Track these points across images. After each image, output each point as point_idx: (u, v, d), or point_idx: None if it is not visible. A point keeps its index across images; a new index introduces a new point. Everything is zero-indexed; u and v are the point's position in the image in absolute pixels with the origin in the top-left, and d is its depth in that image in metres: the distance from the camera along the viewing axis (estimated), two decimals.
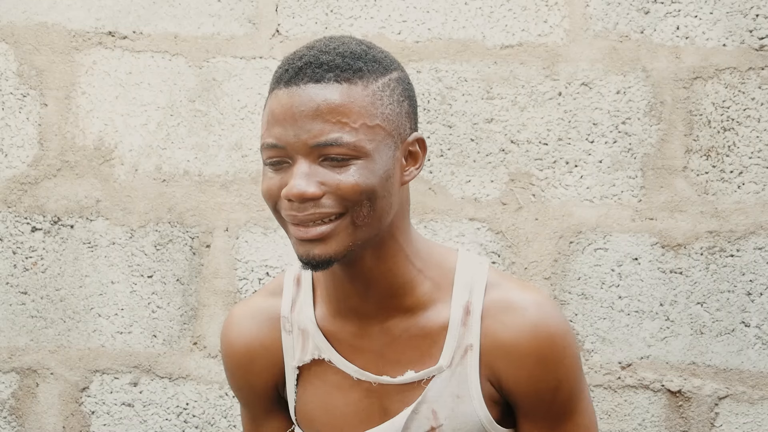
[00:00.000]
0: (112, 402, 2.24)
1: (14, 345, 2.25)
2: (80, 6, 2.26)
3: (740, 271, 2.18)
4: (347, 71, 1.29)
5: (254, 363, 1.46)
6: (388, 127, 1.31)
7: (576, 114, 2.20)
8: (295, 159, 1.27)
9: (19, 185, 2.26)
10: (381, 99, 1.30)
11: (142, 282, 2.24)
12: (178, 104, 2.25)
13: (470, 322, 1.37)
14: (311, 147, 1.26)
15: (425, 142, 1.37)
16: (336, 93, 1.27)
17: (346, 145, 1.26)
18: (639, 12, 2.20)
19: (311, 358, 1.42)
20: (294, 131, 1.27)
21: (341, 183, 1.26)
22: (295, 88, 1.28)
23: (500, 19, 2.22)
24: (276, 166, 1.29)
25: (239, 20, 2.25)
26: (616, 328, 2.19)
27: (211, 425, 2.23)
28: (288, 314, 1.44)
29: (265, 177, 1.31)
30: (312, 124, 1.26)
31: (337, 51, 1.30)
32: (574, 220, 2.20)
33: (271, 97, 1.31)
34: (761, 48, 2.19)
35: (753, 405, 2.17)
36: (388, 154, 1.31)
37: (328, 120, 1.26)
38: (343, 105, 1.27)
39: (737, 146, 2.18)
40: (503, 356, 1.36)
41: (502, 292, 1.39)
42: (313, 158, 1.27)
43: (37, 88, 2.26)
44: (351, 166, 1.27)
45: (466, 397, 1.37)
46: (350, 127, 1.27)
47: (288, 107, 1.27)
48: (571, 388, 1.39)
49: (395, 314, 1.38)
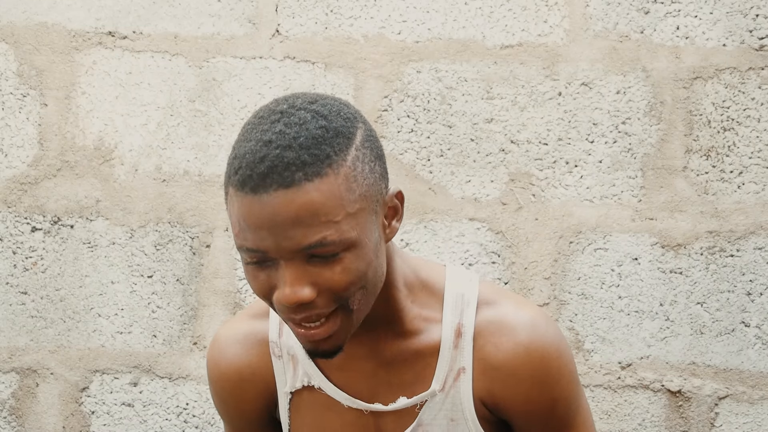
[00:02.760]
0: (112, 402, 2.24)
1: (14, 345, 2.25)
2: (80, 6, 2.26)
3: (740, 271, 2.17)
4: (316, 164, 1.15)
5: (245, 388, 1.42)
6: (368, 203, 1.21)
7: (576, 114, 2.20)
8: (278, 262, 1.18)
9: (19, 185, 2.26)
10: (355, 178, 1.19)
11: (142, 282, 2.24)
12: (178, 104, 2.25)
13: (462, 344, 1.34)
14: (295, 251, 1.16)
15: (402, 192, 1.29)
16: (310, 194, 1.15)
17: (332, 243, 1.16)
18: (639, 12, 2.20)
19: (302, 385, 1.39)
20: (273, 239, 1.16)
21: (333, 282, 1.19)
22: (265, 196, 1.15)
23: (500, 19, 2.22)
24: (260, 265, 1.20)
25: (239, 20, 2.25)
26: (616, 328, 2.19)
27: (211, 425, 2.23)
28: (276, 339, 1.40)
29: (249, 274, 1.21)
30: (293, 231, 1.15)
31: (299, 142, 1.16)
32: (574, 220, 2.20)
33: (236, 200, 1.17)
34: (761, 48, 2.19)
35: (753, 405, 2.17)
36: (373, 229, 1.22)
37: (309, 224, 1.15)
38: (320, 204, 1.15)
39: (737, 146, 2.18)
40: (497, 378, 1.33)
41: (494, 310, 1.35)
42: (300, 259, 1.17)
43: (37, 88, 2.26)
44: (341, 260, 1.18)
45: (460, 420, 1.35)
46: (333, 222, 1.16)
47: (261, 217, 1.16)
48: (567, 405, 1.37)
49: (385, 339, 1.35)
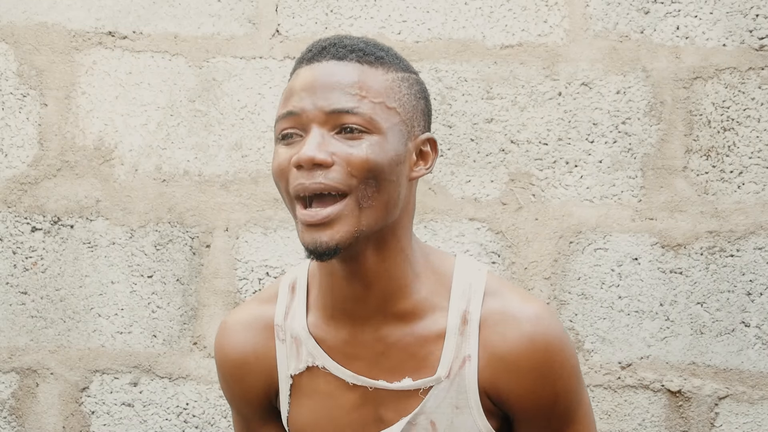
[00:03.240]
0: (112, 402, 2.24)
1: (14, 345, 2.25)
2: (80, 6, 2.26)
3: (740, 271, 2.18)
4: (369, 56, 1.31)
5: (249, 373, 1.43)
6: (403, 115, 1.31)
7: (576, 114, 2.20)
8: (309, 129, 1.27)
9: (19, 185, 2.26)
10: (399, 88, 1.32)
11: (142, 282, 2.24)
12: (178, 104, 2.25)
13: (468, 331, 1.34)
14: (327, 113, 1.26)
15: (437, 143, 1.37)
16: (357, 71, 1.29)
17: (362, 115, 1.27)
18: (639, 12, 2.20)
19: (305, 366, 1.39)
20: (312, 100, 1.27)
21: (352, 156, 1.25)
22: (316, 65, 1.30)
23: (500, 19, 2.22)
24: (288, 140, 1.29)
25: (239, 20, 2.25)
26: (616, 328, 2.19)
27: (211, 425, 2.23)
28: (281, 322, 1.41)
29: (276, 155, 1.30)
30: (331, 94, 1.27)
31: (361, 39, 1.34)
32: (574, 220, 2.20)
33: (291, 78, 1.32)
34: (761, 48, 2.19)
35: (753, 405, 2.17)
36: (401, 141, 1.31)
37: (347, 92, 1.27)
38: (363, 81, 1.28)
39: (737, 146, 2.18)
40: (502, 369, 1.34)
41: (500, 301, 1.36)
42: (329, 128, 1.27)
43: (37, 88, 2.26)
44: (363, 140, 1.26)
45: (465, 408, 1.35)
46: (369, 101, 1.28)
47: (308, 80, 1.29)
48: (569, 400, 1.37)
49: (390, 321, 1.35)
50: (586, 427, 1.40)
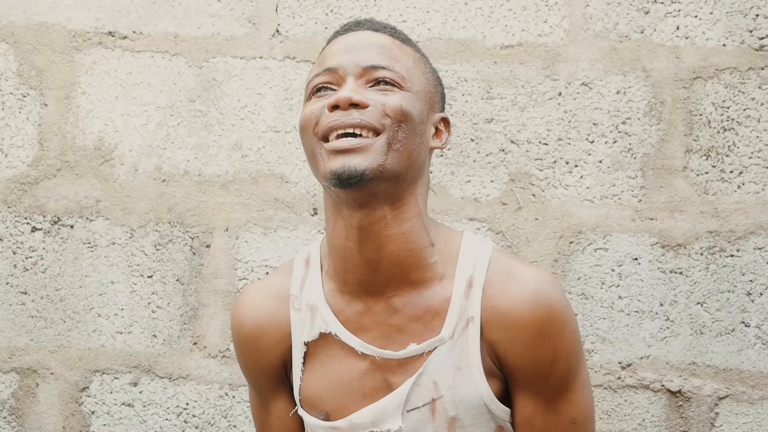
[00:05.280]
0: (112, 402, 2.24)
1: (14, 345, 2.25)
2: (80, 6, 2.26)
3: (740, 271, 2.18)
4: (400, 34, 1.44)
5: (262, 339, 1.48)
6: (427, 88, 1.42)
7: (576, 114, 2.20)
8: (345, 80, 1.35)
9: (19, 185, 2.26)
10: (424, 66, 1.44)
11: (142, 282, 2.24)
12: (178, 104, 2.25)
13: (472, 294, 1.39)
14: (364, 68, 1.36)
15: (450, 123, 1.47)
16: (390, 41, 1.40)
17: (396, 72, 1.36)
18: (639, 12, 2.20)
19: (318, 332, 1.43)
20: (350, 56, 1.36)
21: (387, 102, 1.34)
22: (352, 33, 1.41)
23: (500, 19, 2.22)
24: (320, 94, 1.36)
25: (239, 20, 2.25)
26: (616, 328, 2.19)
27: (211, 425, 2.23)
28: (297, 293, 1.46)
29: (307, 106, 1.37)
30: (369, 52, 1.37)
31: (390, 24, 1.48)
32: (574, 220, 2.20)
33: (326, 46, 1.42)
34: (761, 48, 2.19)
35: (753, 405, 2.17)
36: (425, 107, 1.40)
37: (381, 53, 1.37)
38: (397, 49, 1.40)
39: (737, 146, 2.18)
40: (503, 326, 1.37)
41: (503, 264, 1.41)
42: (364, 80, 1.35)
43: (37, 88, 2.26)
44: (396, 92, 1.35)
45: (466, 368, 1.38)
46: (401, 64, 1.38)
47: (345, 43, 1.39)
48: (568, 364, 1.39)
49: (401, 289, 1.39)
50: (582, 398, 1.42)
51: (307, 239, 2.21)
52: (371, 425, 1.40)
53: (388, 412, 1.39)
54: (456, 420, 1.39)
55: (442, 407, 1.39)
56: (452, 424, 1.39)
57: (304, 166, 2.22)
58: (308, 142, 1.36)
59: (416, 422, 1.39)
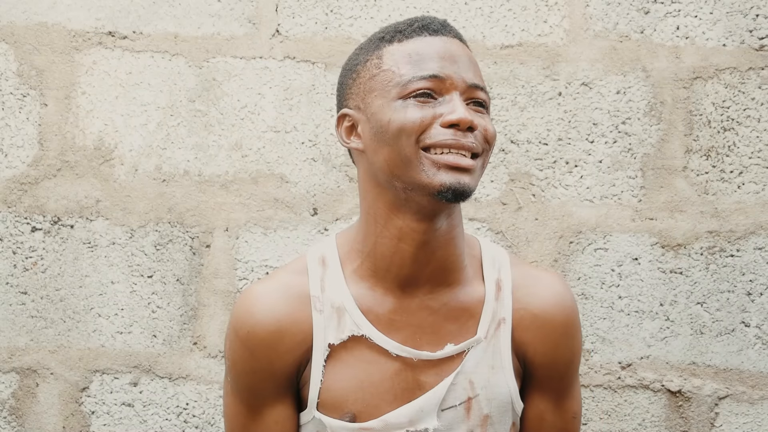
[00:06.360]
0: (112, 402, 2.24)
1: (14, 345, 2.25)
2: (80, 6, 2.26)
3: (740, 271, 2.17)
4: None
5: (283, 341, 1.42)
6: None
7: (576, 114, 2.20)
8: (449, 94, 1.36)
9: (19, 185, 2.26)
10: None
11: (142, 282, 2.24)
12: (178, 104, 2.25)
13: (502, 296, 1.44)
14: (468, 85, 1.37)
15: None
16: (472, 54, 1.42)
17: (487, 94, 1.40)
18: (639, 12, 2.20)
19: (348, 335, 1.42)
20: (456, 69, 1.36)
21: (487, 127, 1.38)
22: (445, 38, 1.40)
23: (500, 19, 2.22)
24: (422, 99, 1.36)
25: (239, 20, 2.25)
26: (616, 328, 2.19)
27: (211, 425, 2.23)
28: (318, 294, 1.43)
29: (407, 110, 1.35)
30: (468, 67, 1.38)
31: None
32: (574, 220, 2.20)
33: (412, 43, 1.38)
34: (761, 48, 2.19)
35: (753, 405, 2.17)
36: None
37: (477, 72, 1.40)
38: (479, 67, 1.42)
39: (737, 146, 2.18)
40: (534, 327, 1.45)
41: (526, 269, 1.49)
42: (465, 97, 1.36)
43: (37, 88, 2.26)
44: (486, 116, 1.39)
45: (499, 368, 1.44)
46: (485, 83, 1.43)
47: (444, 50, 1.38)
48: (578, 362, 1.49)
49: (437, 289, 1.43)
50: (579, 394, 1.53)
51: (307, 239, 2.21)
52: (408, 424, 1.41)
53: (425, 411, 1.41)
54: (488, 418, 1.44)
55: (477, 406, 1.43)
56: (485, 422, 1.43)
57: (304, 166, 2.22)
58: (406, 146, 1.35)
59: (451, 421, 1.42)
